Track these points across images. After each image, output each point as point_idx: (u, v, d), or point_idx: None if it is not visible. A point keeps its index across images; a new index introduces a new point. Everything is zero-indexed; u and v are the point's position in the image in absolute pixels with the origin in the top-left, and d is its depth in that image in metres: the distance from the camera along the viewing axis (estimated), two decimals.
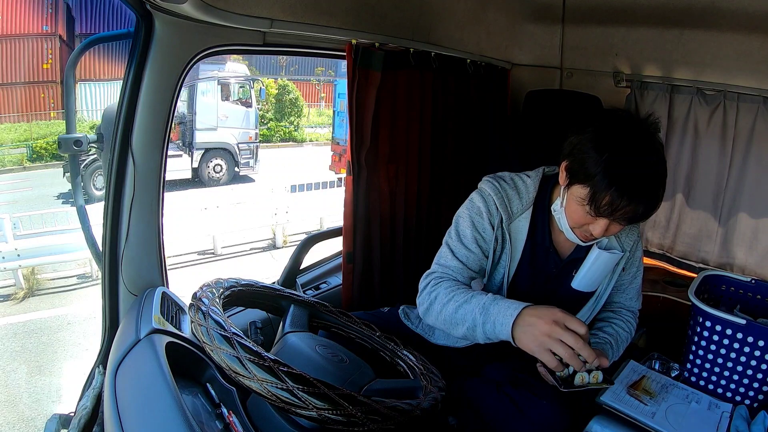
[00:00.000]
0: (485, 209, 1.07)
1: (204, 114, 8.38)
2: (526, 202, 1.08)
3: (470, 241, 1.07)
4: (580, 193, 0.94)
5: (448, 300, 0.98)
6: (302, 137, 13.47)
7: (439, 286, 1.02)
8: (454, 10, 1.59)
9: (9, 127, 10.01)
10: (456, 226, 1.10)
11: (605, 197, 0.90)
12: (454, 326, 0.98)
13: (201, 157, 8.51)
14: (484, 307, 0.92)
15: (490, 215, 1.07)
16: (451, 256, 1.07)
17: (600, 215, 0.93)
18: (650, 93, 1.75)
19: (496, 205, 1.06)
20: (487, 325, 0.91)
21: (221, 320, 0.78)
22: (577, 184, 0.95)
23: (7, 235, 4.73)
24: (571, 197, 0.97)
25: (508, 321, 0.88)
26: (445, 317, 0.98)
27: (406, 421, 0.76)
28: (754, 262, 1.68)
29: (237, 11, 1.00)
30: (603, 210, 0.91)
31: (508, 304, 0.91)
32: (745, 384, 1.14)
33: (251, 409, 0.83)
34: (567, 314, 0.85)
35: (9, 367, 3.71)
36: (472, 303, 0.94)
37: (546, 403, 1.02)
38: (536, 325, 0.85)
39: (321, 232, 1.65)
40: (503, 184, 1.09)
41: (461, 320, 0.95)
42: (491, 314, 0.91)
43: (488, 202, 1.07)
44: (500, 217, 1.06)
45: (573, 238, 1.03)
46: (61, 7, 10.21)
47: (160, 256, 1.12)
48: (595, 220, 0.95)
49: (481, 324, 0.92)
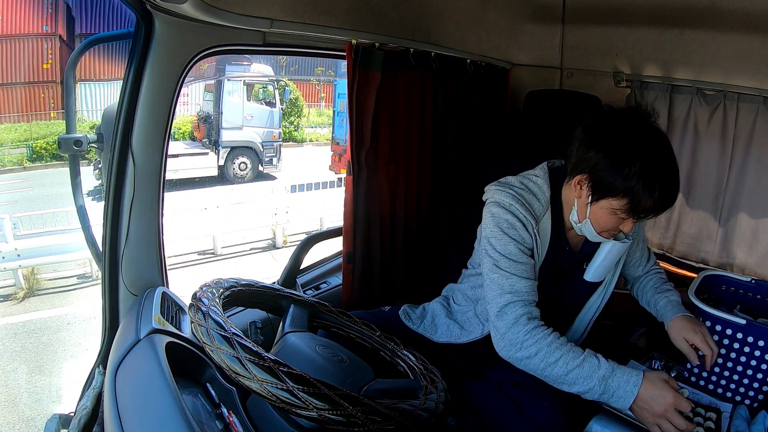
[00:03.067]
0: (516, 220, 1.04)
1: (230, 113, 8.65)
2: (545, 203, 1.08)
3: (519, 255, 1.04)
4: (614, 204, 0.97)
5: (555, 360, 0.95)
6: (302, 137, 13.45)
7: (539, 340, 0.97)
8: (454, 10, 1.59)
9: (9, 127, 10.01)
10: (494, 247, 1.04)
11: (648, 203, 0.94)
12: (560, 384, 0.97)
13: (227, 155, 8.79)
14: (603, 379, 0.92)
15: (522, 224, 1.05)
16: (514, 278, 1.02)
17: (641, 219, 0.98)
18: (650, 93, 1.75)
19: (522, 213, 1.05)
20: (605, 395, 0.93)
21: (221, 320, 0.78)
22: (609, 198, 0.97)
23: (7, 235, 4.73)
24: (601, 210, 0.99)
25: (629, 398, 0.91)
26: (550, 375, 0.96)
27: (408, 423, 0.76)
28: (754, 262, 1.68)
29: (237, 11, 1.00)
30: (646, 214, 0.96)
31: (627, 378, 0.92)
32: (745, 384, 1.14)
33: (251, 409, 0.83)
34: (678, 397, 0.90)
35: (9, 367, 3.71)
36: (585, 368, 0.93)
37: (546, 404, 1.02)
38: (654, 406, 0.90)
39: (321, 232, 1.65)
40: (517, 189, 1.07)
41: (571, 382, 0.94)
42: (611, 387, 0.92)
43: (514, 212, 1.05)
44: (531, 223, 1.05)
45: (598, 239, 1.06)
46: (61, 7, 10.20)
47: (160, 256, 1.12)
48: (627, 221, 0.99)
49: (599, 394, 0.93)
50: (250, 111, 8.86)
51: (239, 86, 8.73)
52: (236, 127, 8.77)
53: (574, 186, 1.02)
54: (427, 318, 1.25)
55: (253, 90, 9.05)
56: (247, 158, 8.97)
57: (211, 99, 9.14)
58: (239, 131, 8.83)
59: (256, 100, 9.08)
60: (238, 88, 8.72)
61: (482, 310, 1.17)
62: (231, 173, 8.86)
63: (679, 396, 0.91)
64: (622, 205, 0.95)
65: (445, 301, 1.28)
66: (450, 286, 1.32)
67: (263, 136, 9.05)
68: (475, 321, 1.18)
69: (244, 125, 8.84)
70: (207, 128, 9.11)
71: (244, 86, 8.78)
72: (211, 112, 8.95)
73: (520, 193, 1.06)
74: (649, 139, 0.95)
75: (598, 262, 1.12)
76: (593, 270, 1.13)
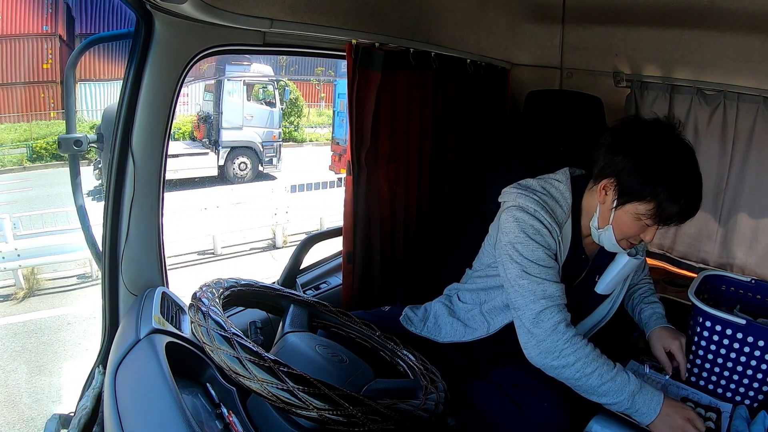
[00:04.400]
0: (541, 225, 1.04)
1: (230, 113, 8.68)
2: (567, 210, 1.08)
3: (546, 260, 1.03)
4: (639, 209, 0.98)
5: (591, 371, 0.97)
6: (302, 137, 13.45)
7: (578, 350, 0.98)
8: (454, 10, 1.59)
9: (9, 127, 10.01)
10: (520, 253, 1.03)
11: (674, 209, 0.96)
12: (589, 394, 0.99)
13: (227, 155, 8.82)
14: (631, 394, 0.96)
15: (548, 229, 1.04)
16: (547, 283, 1.02)
17: (666, 224, 0.99)
18: (650, 93, 1.75)
19: (547, 219, 1.04)
20: (631, 410, 0.97)
21: (221, 320, 0.78)
22: (635, 202, 0.98)
23: (7, 235, 4.73)
24: (625, 215, 1.00)
25: (653, 414, 0.96)
26: (584, 386, 0.99)
27: (408, 423, 0.76)
28: (754, 262, 1.68)
29: (237, 11, 1.00)
30: (670, 221, 0.98)
31: (651, 395, 0.97)
32: (745, 384, 1.14)
33: (251, 409, 0.83)
34: (695, 414, 0.97)
35: (9, 367, 3.71)
36: (617, 382, 0.97)
37: (546, 404, 1.02)
38: (673, 418, 0.95)
39: (321, 232, 1.64)
40: (540, 195, 1.06)
41: (603, 394, 0.98)
42: (637, 403, 0.96)
43: (539, 218, 1.04)
44: (555, 229, 1.05)
45: (616, 249, 1.07)
46: (61, 7, 10.21)
47: (160, 256, 1.12)
48: (651, 228, 1.00)
49: (625, 408, 0.97)
50: (250, 111, 8.89)
51: (239, 86, 8.75)
52: (236, 127, 8.80)
53: (599, 191, 1.03)
54: (430, 319, 1.25)
55: (253, 90, 9.07)
56: (247, 158, 9.01)
57: (211, 99, 9.16)
58: (239, 131, 8.85)
59: (256, 100, 9.10)
60: (238, 88, 8.75)
61: (489, 309, 1.16)
62: (231, 173, 8.90)
63: (695, 413, 0.97)
64: (648, 210, 0.97)
65: (448, 301, 1.27)
66: (454, 285, 1.31)
67: (263, 136, 9.07)
68: (481, 319, 1.17)
69: (244, 125, 8.87)
70: (207, 128, 9.15)
71: (244, 86, 8.81)
72: (211, 112, 8.97)
73: (543, 199, 1.06)
74: (676, 146, 0.98)
75: (611, 276, 1.13)
76: (605, 283, 1.15)
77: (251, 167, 9.05)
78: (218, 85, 8.77)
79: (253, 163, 9.06)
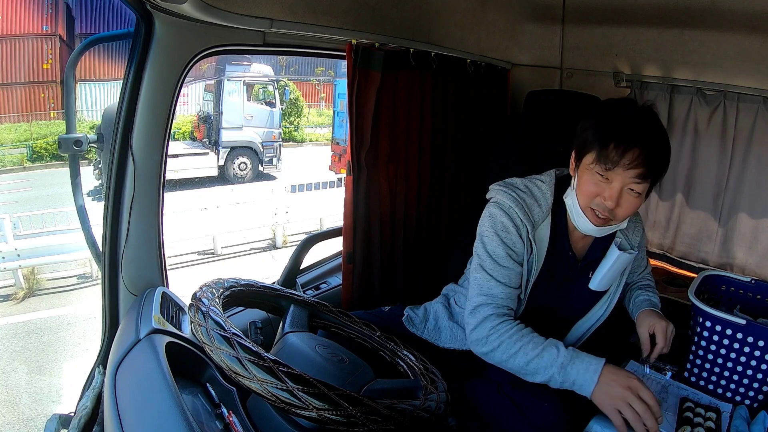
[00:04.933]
0: (511, 223, 1.05)
1: (230, 113, 8.73)
2: (546, 209, 1.08)
3: (505, 259, 1.05)
4: (589, 160, 0.98)
5: (515, 351, 0.98)
6: (302, 137, 13.46)
7: (502, 333, 1.00)
8: (454, 10, 1.59)
9: (9, 127, 10.01)
10: (484, 247, 1.06)
11: (610, 144, 0.94)
12: (524, 375, 0.99)
13: (227, 155, 8.87)
14: (562, 366, 0.94)
15: (517, 228, 1.05)
16: (493, 282, 1.05)
17: (610, 166, 0.94)
18: (650, 93, 1.75)
19: (520, 217, 1.05)
20: (566, 383, 0.94)
21: (221, 320, 0.78)
22: (586, 156, 0.99)
23: (7, 235, 4.73)
24: (583, 171, 1.00)
25: (590, 384, 0.92)
26: (513, 367, 1.00)
27: (408, 423, 0.76)
28: (754, 262, 1.68)
29: (237, 11, 1.00)
30: (612, 158, 0.94)
31: (587, 365, 0.93)
32: (745, 384, 1.14)
33: (251, 409, 0.83)
34: (642, 384, 0.90)
35: (9, 367, 3.71)
36: (545, 359, 0.95)
37: (546, 404, 1.02)
38: (613, 387, 0.90)
39: (321, 232, 1.64)
40: (520, 193, 1.08)
41: (533, 372, 0.97)
42: (570, 374, 0.94)
43: (512, 215, 1.05)
44: (526, 228, 1.05)
45: (586, 225, 1.03)
46: (61, 7, 10.21)
47: (160, 256, 1.12)
48: (608, 185, 0.97)
49: (560, 382, 0.95)
50: (250, 111, 8.94)
51: (239, 86, 8.79)
52: (236, 127, 8.85)
53: (571, 162, 1.06)
54: (430, 321, 1.25)
55: (253, 90, 9.10)
56: (247, 158, 9.06)
57: (211, 99, 9.20)
58: (239, 131, 8.90)
59: (256, 100, 9.14)
60: (238, 88, 8.79)
61: None
62: (231, 173, 8.95)
63: (642, 383, 0.90)
64: (593, 157, 0.97)
65: (446, 302, 1.28)
66: (451, 285, 1.32)
67: (263, 136, 9.10)
68: None
69: (244, 125, 8.91)
70: (207, 128, 9.20)
71: (244, 86, 8.83)
72: (211, 112, 9.01)
73: (522, 196, 1.07)
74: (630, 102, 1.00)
75: (603, 272, 1.12)
76: (599, 279, 1.13)
77: (251, 167, 9.11)
78: (218, 85, 8.82)
79: (253, 163, 9.12)
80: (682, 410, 1.09)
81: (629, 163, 0.93)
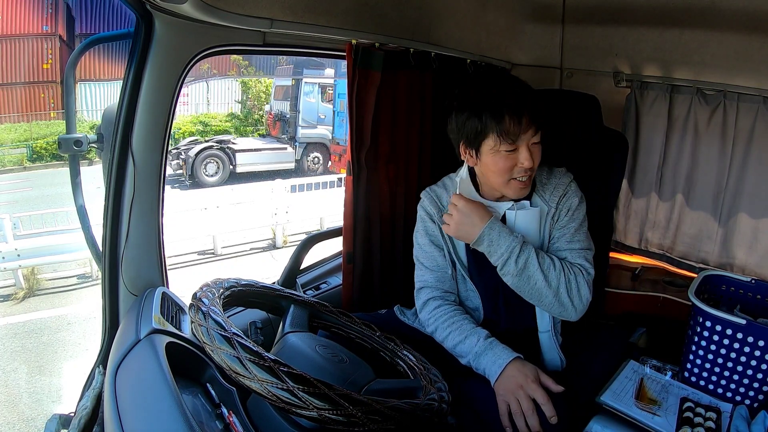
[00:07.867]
0: (424, 213, 1.20)
1: (307, 113, 9.78)
2: None
3: (428, 245, 1.19)
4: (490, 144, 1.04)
5: (447, 334, 1.11)
6: None
7: (437, 318, 1.14)
8: (454, 10, 1.59)
9: (9, 127, 10.02)
10: (415, 239, 1.23)
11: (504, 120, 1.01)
12: (457, 357, 1.10)
13: (303, 150, 9.89)
14: (476, 355, 1.05)
15: (429, 216, 1.19)
16: (423, 268, 1.19)
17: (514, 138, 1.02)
18: (650, 93, 1.75)
19: (429, 206, 1.19)
20: (479, 370, 1.05)
21: (221, 320, 0.78)
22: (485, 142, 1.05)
23: (7, 235, 4.73)
24: (487, 156, 1.06)
25: (493, 376, 1.01)
26: (447, 347, 1.12)
27: (408, 423, 0.76)
28: (754, 262, 1.68)
29: (237, 11, 1.00)
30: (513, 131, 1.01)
31: (495, 358, 1.02)
32: (745, 384, 1.14)
33: (251, 409, 0.83)
34: (535, 385, 0.96)
35: (9, 367, 3.71)
36: (466, 345, 1.07)
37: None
38: (508, 381, 0.98)
39: (321, 232, 1.64)
40: (434, 187, 1.23)
41: (459, 355, 1.10)
42: (482, 364, 1.04)
43: (424, 206, 1.21)
44: (434, 214, 1.18)
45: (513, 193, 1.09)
46: (61, 7, 10.22)
47: (160, 256, 1.11)
48: (517, 153, 1.03)
49: (476, 368, 1.06)
50: (323, 111, 9.81)
51: (315, 88, 9.77)
52: (311, 125, 9.80)
53: (466, 158, 1.11)
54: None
55: (325, 92, 9.92)
56: (319, 153, 9.98)
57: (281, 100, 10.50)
58: (314, 129, 9.85)
59: (327, 101, 9.90)
60: (315, 89, 9.78)
61: None
62: (306, 166, 9.84)
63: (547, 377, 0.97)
64: (495, 140, 1.03)
65: None
66: None
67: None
68: None
69: (318, 123, 9.80)
70: (282, 125, 10.31)
71: (319, 88, 9.79)
72: (286, 111, 10.11)
73: (433, 189, 1.22)
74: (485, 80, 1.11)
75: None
76: None
77: (322, 162, 9.97)
78: (296, 86, 9.86)
79: (324, 157, 9.97)
80: (682, 410, 1.09)
81: (527, 126, 1.02)
